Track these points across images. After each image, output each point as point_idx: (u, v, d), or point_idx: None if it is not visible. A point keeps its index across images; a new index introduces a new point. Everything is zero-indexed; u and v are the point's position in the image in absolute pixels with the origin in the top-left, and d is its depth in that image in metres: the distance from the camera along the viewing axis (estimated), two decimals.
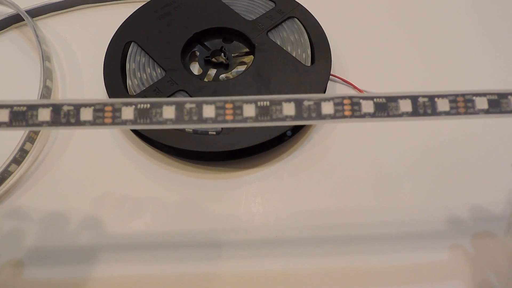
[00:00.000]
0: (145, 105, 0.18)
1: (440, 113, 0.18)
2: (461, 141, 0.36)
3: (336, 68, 0.40)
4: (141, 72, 0.37)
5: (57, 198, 0.33)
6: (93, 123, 0.17)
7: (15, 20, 0.44)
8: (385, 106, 0.18)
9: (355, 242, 0.31)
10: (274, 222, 0.32)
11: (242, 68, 0.40)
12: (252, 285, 0.29)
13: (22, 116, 0.17)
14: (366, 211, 0.33)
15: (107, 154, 0.36)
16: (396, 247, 0.31)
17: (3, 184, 0.33)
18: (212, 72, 0.39)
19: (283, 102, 0.18)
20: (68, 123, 0.17)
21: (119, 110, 0.18)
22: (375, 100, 0.18)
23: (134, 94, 0.36)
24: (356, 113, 0.18)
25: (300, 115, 0.18)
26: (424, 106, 0.19)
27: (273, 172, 0.35)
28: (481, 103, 0.18)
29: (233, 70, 0.39)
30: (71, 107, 0.17)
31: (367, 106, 0.18)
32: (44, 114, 0.17)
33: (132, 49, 0.38)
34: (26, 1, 0.43)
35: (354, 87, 0.39)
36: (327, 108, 0.18)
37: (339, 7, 0.46)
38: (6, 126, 0.17)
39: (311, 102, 0.18)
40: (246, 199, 0.33)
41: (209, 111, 0.18)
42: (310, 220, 0.32)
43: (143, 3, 0.42)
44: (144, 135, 0.34)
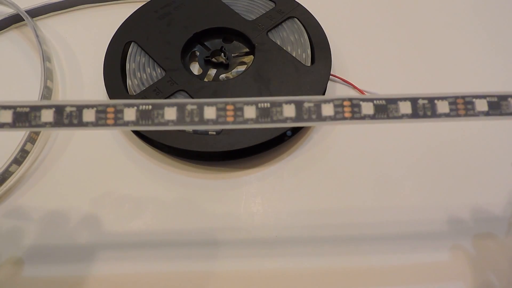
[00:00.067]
0: (147, 106, 0.18)
1: (440, 115, 0.19)
2: (461, 141, 0.36)
3: (336, 68, 0.41)
4: (141, 72, 0.37)
5: (57, 198, 0.33)
6: (95, 124, 0.18)
7: (15, 20, 0.44)
8: (385, 108, 0.18)
9: (355, 242, 0.31)
10: (274, 222, 0.32)
11: (242, 68, 0.40)
12: (252, 285, 0.30)
13: (25, 117, 0.17)
14: (366, 211, 0.33)
15: (107, 154, 0.36)
16: (396, 247, 0.31)
17: (4, 184, 0.33)
18: (212, 72, 0.39)
19: (284, 104, 0.18)
20: (71, 124, 0.18)
21: (121, 111, 0.18)
22: (375, 102, 0.19)
23: (134, 94, 0.36)
24: (356, 115, 0.18)
25: (301, 116, 0.18)
26: (424, 108, 0.19)
27: (273, 172, 0.35)
28: (481, 105, 0.18)
29: (233, 70, 0.39)
30: (74, 108, 0.18)
31: (367, 108, 0.18)
32: (47, 115, 0.17)
33: (132, 49, 0.38)
34: (26, 1, 0.43)
35: (354, 87, 0.39)
36: (327, 110, 0.18)
37: (339, 7, 0.46)
38: (9, 127, 0.17)
39: (311, 104, 0.18)
40: (246, 199, 0.33)
41: (210, 113, 0.18)
42: (310, 220, 0.32)
43: (143, 3, 0.42)
44: (144, 135, 0.34)
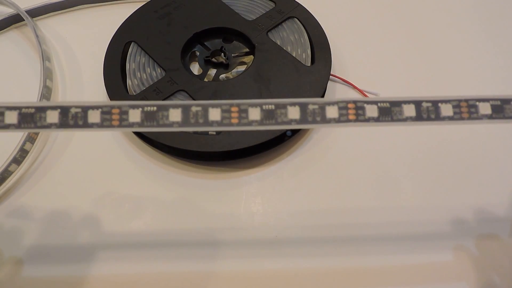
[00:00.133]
0: (152, 108, 0.18)
1: (444, 118, 0.19)
2: (464, 142, 0.36)
3: (336, 68, 0.41)
4: (141, 72, 0.37)
5: (57, 198, 0.33)
6: (100, 125, 0.18)
7: (15, 20, 0.44)
8: (389, 111, 0.19)
9: (357, 243, 0.31)
10: (274, 222, 0.32)
11: (242, 68, 0.40)
12: (252, 285, 0.30)
13: (31, 118, 0.17)
14: (367, 211, 0.33)
15: (107, 154, 0.36)
16: (399, 248, 0.31)
17: (3, 184, 0.33)
18: (212, 72, 0.39)
19: (288, 106, 0.19)
20: (76, 125, 0.18)
21: (126, 112, 0.18)
22: (379, 105, 0.19)
23: (134, 94, 0.36)
24: (360, 117, 0.18)
25: (305, 118, 0.18)
26: (427, 111, 0.19)
27: (273, 172, 0.35)
28: (485, 109, 0.19)
29: (233, 70, 0.39)
30: (79, 109, 0.18)
31: (371, 111, 0.18)
32: (52, 116, 0.17)
33: (132, 49, 0.38)
34: (26, 1, 0.43)
35: (354, 87, 0.39)
36: (332, 112, 0.18)
37: (339, 7, 0.46)
38: (15, 128, 0.17)
39: (316, 106, 0.18)
40: (246, 199, 0.33)
41: (215, 114, 0.18)
42: (310, 220, 0.32)
43: (143, 3, 0.42)
44: (144, 135, 0.34)
